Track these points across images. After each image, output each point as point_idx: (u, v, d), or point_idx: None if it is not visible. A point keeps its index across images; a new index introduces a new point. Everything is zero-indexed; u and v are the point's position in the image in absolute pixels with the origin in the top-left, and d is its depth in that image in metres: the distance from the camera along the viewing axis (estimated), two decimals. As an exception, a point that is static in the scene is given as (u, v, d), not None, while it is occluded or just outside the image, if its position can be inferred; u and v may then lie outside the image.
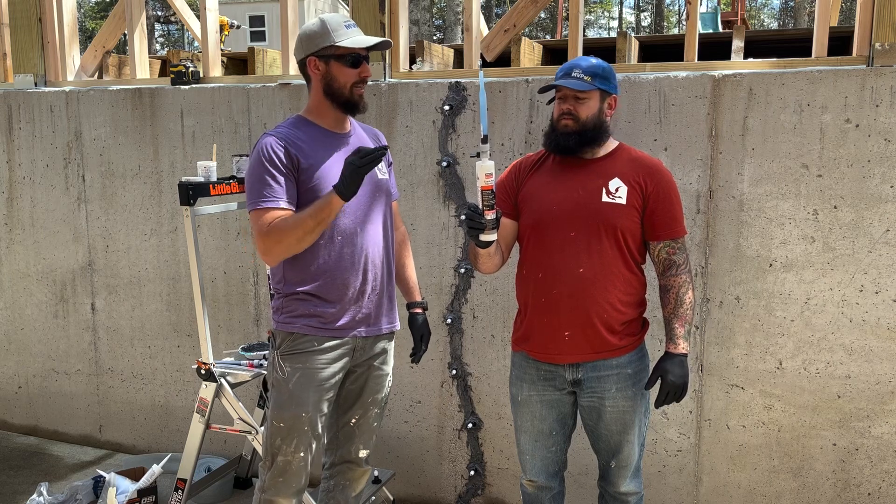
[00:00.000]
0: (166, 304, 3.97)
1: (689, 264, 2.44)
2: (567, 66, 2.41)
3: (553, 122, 2.42)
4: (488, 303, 3.35)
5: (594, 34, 40.20)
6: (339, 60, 2.36)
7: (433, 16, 30.23)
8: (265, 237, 2.29)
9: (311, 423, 2.44)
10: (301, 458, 2.46)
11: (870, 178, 2.82)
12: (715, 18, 12.15)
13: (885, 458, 2.95)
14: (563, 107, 2.37)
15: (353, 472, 2.66)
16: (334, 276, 2.39)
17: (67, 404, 4.30)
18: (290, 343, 2.43)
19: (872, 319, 2.89)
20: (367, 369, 2.55)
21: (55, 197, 4.13)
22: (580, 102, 2.36)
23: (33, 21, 4.13)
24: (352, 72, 2.37)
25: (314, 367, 2.41)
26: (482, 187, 2.20)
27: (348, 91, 2.38)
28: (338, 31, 2.35)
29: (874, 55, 2.82)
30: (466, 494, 3.51)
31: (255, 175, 2.32)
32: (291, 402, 2.41)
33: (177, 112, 3.81)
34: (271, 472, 2.48)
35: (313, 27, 2.37)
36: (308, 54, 2.37)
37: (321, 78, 2.38)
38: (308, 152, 2.35)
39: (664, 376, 2.38)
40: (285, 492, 2.49)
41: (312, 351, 2.41)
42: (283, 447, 2.44)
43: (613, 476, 2.53)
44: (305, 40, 2.38)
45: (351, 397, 2.57)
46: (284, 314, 2.44)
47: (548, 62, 4.79)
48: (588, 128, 2.37)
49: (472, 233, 2.24)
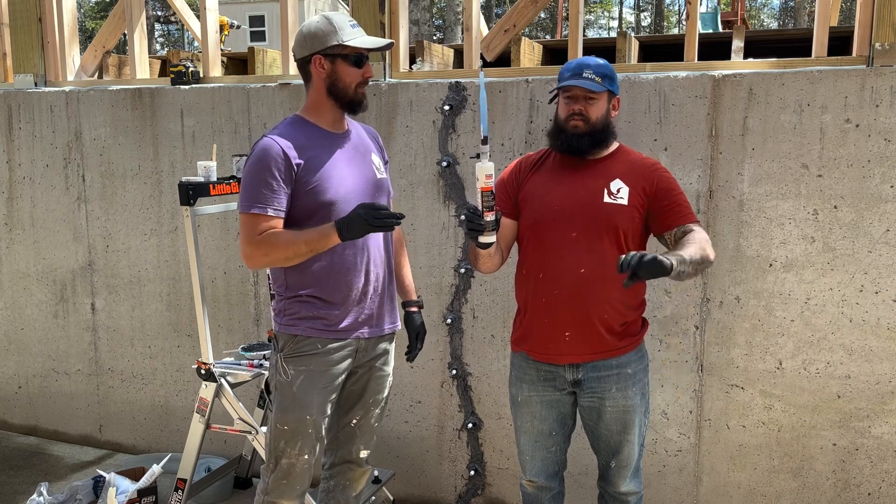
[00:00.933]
0: (166, 304, 3.97)
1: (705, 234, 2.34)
2: (575, 65, 2.38)
3: (560, 123, 2.40)
4: (488, 303, 3.35)
5: (594, 34, 40.21)
6: (345, 60, 2.34)
7: (433, 16, 30.23)
8: (254, 245, 2.28)
9: (315, 426, 2.43)
10: (305, 461, 2.46)
11: (870, 178, 2.82)
12: (715, 18, 12.15)
13: (885, 458, 2.95)
14: (574, 107, 2.36)
15: (354, 472, 2.66)
16: (337, 278, 2.38)
17: (67, 404, 4.30)
18: (293, 345, 2.41)
19: (872, 319, 2.89)
20: (369, 370, 2.55)
21: (55, 197, 4.13)
22: (590, 103, 2.35)
23: (33, 21, 4.13)
24: (357, 71, 2.36)
25: (318, 370, 2.41)
26: (482, 188, 2.19)
27: (353, 91, 2.37)
28: (345, 31, 2.34)
29: (874, 55, 2.82)
30: (466, 494, 3.51)
31: (253, 178, 2.30)
32: (296, 405, 2.40)
33: (177, 112, 3.81)
34: (275, 475, 2.47)
35: (319, 25, 2.34)
36: (313, 52, 2.35)
37: (326, 77, 2.36)
38: (308, 154, 2.33)
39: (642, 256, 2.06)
40: (289, 494, 2.49)
41: (316, 353, 2.40)
42: (288, 450, 2.43)
43: (613, 476, 2.53)
44: (310, 38, 2.35)
45: (352, 398, 2.56)
46: (287, 316, 2.42)
47: (548, 62, 4.79)
48: (598, 129, 2.37)
49: (472, 234, 2.23)
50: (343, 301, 2.40)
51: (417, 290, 3.44)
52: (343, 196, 2.35)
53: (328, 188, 2.33)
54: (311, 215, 2.32)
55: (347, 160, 2.41)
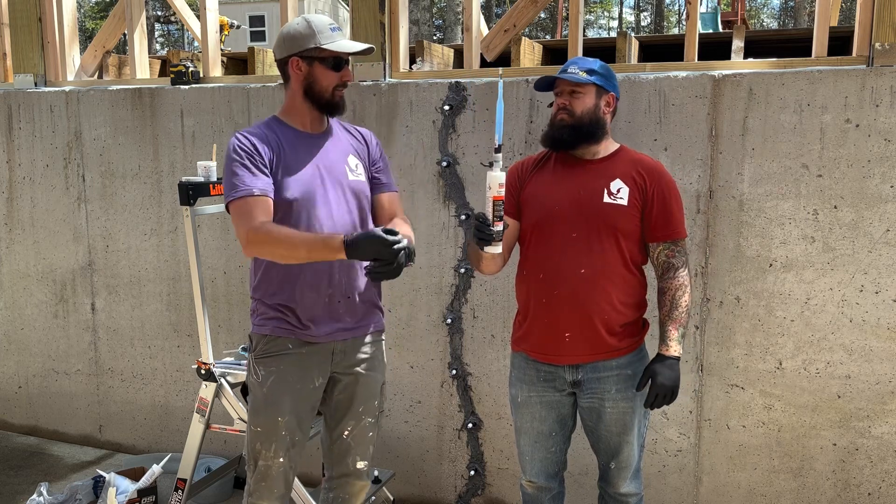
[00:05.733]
0: (166, 304, 3.97)
1: (687, 267, 2.44)
2: (565, 64, 2.44)
3: (551, 119, 2.44)
4: (488, 303, 3.35)
5: (594, 34, 40.20)
6: (323, 63, 2.33)
7: (433, 16, 30.23)
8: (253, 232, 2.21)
9: (289, 428, 2.39)
10: (280, 464, 2.42)
11: (870, 178, 2.82)
12: (715, 18, 12.16)
13: (885, 458, 2.95)
14: (559, 101, 2.40)
15: (353, 487, 2.59)
16: (303, 283, 2.35)
17: (67, 404, 4.30)
18: (263, 346, 2.38)
19: (872, 319, 2.89)
20: (355, 377, 2.48)
21: (55, 197, 4.13)
22: (575, 97, 2.37)
23: (33, 21, 4.13)
24: (334, 75, 2.35)
25: (288, 370, 2.37)
26: (493, 198, 2.18)
27: (330, 93, 2.35)
28: (323, 34, 2.32)
29: (874, 55, 2.82)
30: (466, 494, 3.51)
31: (228, 169, 2.29)
32: (267, 406, 2.37)
33: (177, 112, 3.81)
34: (254, 476, 2.45)
35: (298, 27, 2.34)
36: (291, 54, 2.34)
37: (303, 79, 2.35)
38: (277, 151, 2.32)
39: (654, 378, 2.37)
40: (268, 496, 2.45)
41: (286, 354, 2.37)
42: (263, 451, 2.41)
43: (613, 477, 2.53)
44: (289, 40, 2.34)
45: (341, 408, 2.50)
46: (258, 316, 2.40)
47: (548, 62, 4.79)
48: (584, 122, 2.37)
49: (480, 244, 2.23)
50: (313, 303, 2.36)
51: (418, 290, 3.44)
52: (305, 195, 2.32)
53: (290, 186, 2.30)
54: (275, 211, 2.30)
55: (314, 160, 2.37)
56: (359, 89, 3.45)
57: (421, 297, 3.45)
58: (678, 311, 2.40)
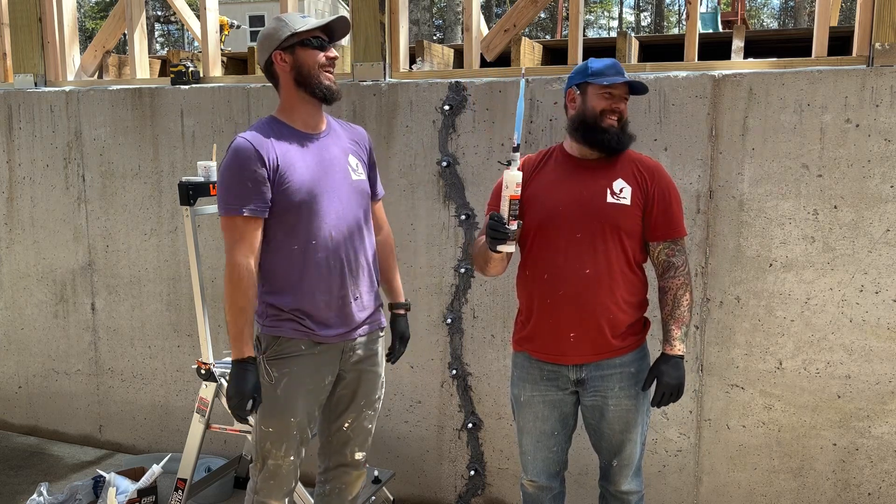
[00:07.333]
0: (166, 304, 3.97)
1: (687, 266, 2.45)
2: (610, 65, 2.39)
3: (594, 116, 2.37)
4: (488, 303, 3.35)
5: (594, 34, 40.20)
6: (303, 46, 2.35)
7: (433, 16, 30.24)
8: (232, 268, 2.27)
9: (301, 428, 2.42)
10: (291, 462, 2.45)
11: (870, 178, 2.82)
12: (715, 18, 12.17)
13: (885, 458, 2.95)
14: (614, 105, 2.37)
15: (349, 476, 2.63)
16: (313, 283, 2.36)
17: (67, 404, 4.30)
18: (276, 347, 2.39)
19: (872, 319, 2.89)
20: (358, 373, 2.52)
21: (55, 197, 4.13)
22: (624, 104, 2.40)
23: (33, 21, 4.13)
24: (316, 52, 2.36)
25: (302, 372, 2.39)
26: (510, 196, 2.18)
27: (317, 73, 2.35)
28: (295, 22, 2.36)
29: (874, 55, 2.82)
30: (466, 494, 3.51)
31: (227, 179, 2.29)
32: (280, 407, 2.39)
33: (177, 112, 3.81)
34: (262, 475, 2.47)
35: (270, 27, 2.38)
36: (272, 51, 2.36)
37: (290, 69, 2.36)
38: (280, 153, 2.32)
39: (660, 377, 2.39)
40: (276, 494, 2.48)
41: (300, 355, 2.38)
42: (273, 451, 2.43)
43: (615, 475, 2.53)
44: (266, 40, 2.38)
45: (343, 402, 2.54)
46: (270, 318, 2.41)
47: (548, 62, 4.79)
48: (625, 129, 2.41)
49: (494, 243, 2.23)
50: (324, 305, 2.38)
51: (417, 290, 3.44)
52: (313, 197, 2.34)
53: (299, 189, 2.31)
54: (282, 215, 2.32)
55: (318, 161, 2.38)
56: (359, 89, 3.45)
57: (421, 296, 3.45)
58: (680, 309, 2.41)
